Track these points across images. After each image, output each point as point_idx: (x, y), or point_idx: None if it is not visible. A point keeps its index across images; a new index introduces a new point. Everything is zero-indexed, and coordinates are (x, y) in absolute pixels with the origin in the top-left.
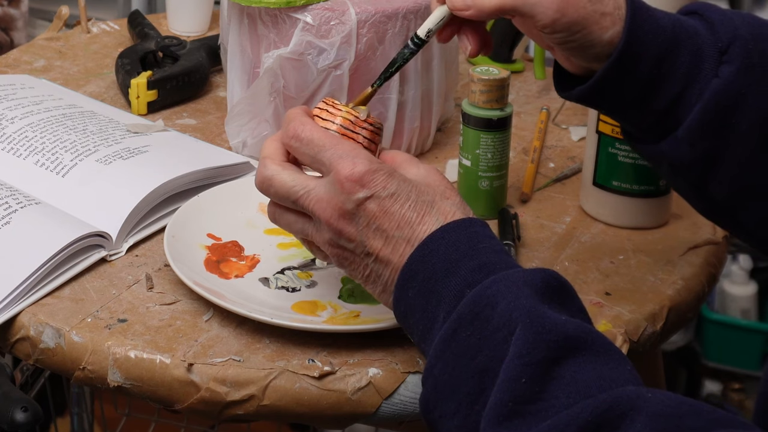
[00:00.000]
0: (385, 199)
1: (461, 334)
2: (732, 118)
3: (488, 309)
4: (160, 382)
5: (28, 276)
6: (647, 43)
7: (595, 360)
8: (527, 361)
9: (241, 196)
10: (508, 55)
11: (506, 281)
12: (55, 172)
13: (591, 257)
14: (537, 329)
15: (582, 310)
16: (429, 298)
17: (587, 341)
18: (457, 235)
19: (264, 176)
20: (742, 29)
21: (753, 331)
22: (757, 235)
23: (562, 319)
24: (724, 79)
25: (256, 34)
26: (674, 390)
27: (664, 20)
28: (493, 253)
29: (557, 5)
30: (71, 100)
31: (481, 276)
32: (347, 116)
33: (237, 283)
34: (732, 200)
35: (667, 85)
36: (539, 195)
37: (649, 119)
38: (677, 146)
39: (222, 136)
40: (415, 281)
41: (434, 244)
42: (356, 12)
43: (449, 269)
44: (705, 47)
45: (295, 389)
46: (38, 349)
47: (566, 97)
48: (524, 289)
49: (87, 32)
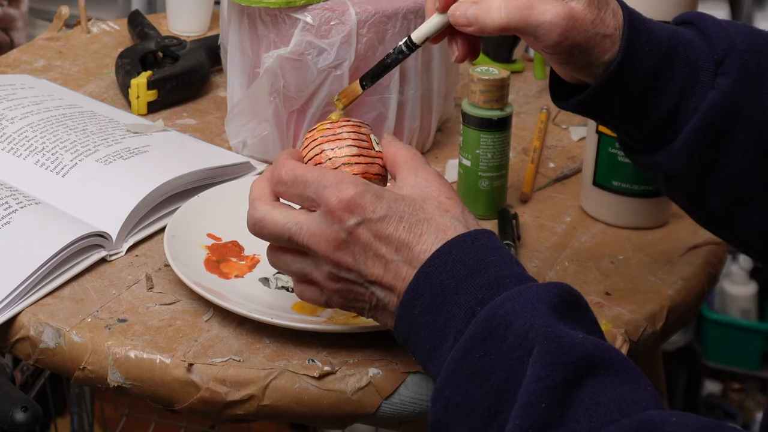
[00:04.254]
0: (376, 222)
1: (474, 354)
2: (728, 130)
3: (502, 328)
4: (160, 382)
5: (28, 276)
6: (643, 56)
7: (615, 380)
8: (546, 384)
9: (241, 196)
10: (508, 55)
11: (520, 298)
12: (55, 172)
13: (591, 257)
14: (555, 350)
15: (595, 323)
16: (437, 316)
17: (606, 360)
18: (463, 250)
19: (255, 218)
20: (738, 40)
21: (753, 331)
22: (754, 245)
23: (580, 337)
24: (720, 91)
25: (256, 34)
26: (674, 390)
27: (660, 32)
28: (502, 265)
29: (561, 28)
30: (71, 100)
31: (492, 292)
32: (322, 129)
33: (237, 283)
34: (728, 211)
35: (663, 97)
36: (539, 195)
37: (645, 131)
38: (673, 158)
39: (222, 136)
40: (421, 299)
41: (440, 261)
42: (356, 12)
43: (458, 286)
44: (700, 59)
45: (295, 389)
46: (38, 349)
47: (562, 107)
48: (539, 306)
49: (87, 32)
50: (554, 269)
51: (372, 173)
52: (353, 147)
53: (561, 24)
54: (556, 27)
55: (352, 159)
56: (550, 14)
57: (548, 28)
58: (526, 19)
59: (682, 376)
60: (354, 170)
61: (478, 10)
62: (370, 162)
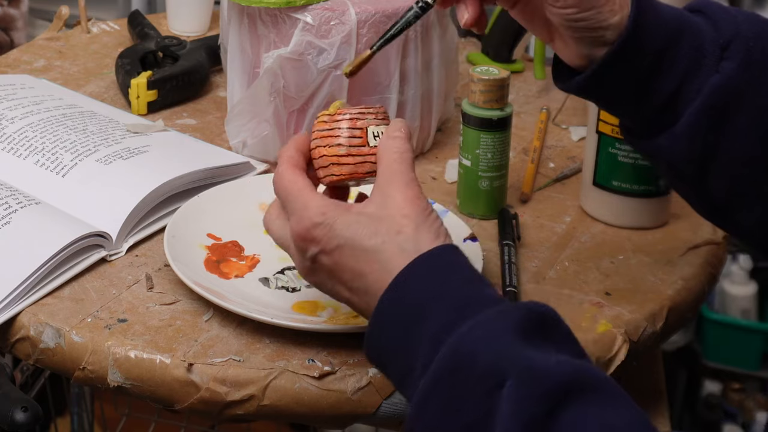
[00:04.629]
0: (333, 252)
1: (441, 388)
2: (731, 115)
3: (469, 359)
4: (160, 382)
5: (28, 276)
6: (651, 33)
7: (594, 401)
8: (524, 421)
9: (241, 196)
10: (508, 55)
11: (485, 327)
12: (55, 172)
13: (591, 257)
14: (528, 382)
15: (568, 334)
16: (403, 344)
17: (582, 381)
18: (424, 272)
19: (264, 221)
20: (744, 26)
21: (753, 331)
22: (755, 235)
23: (552, 361)
24: (724, 75)
25: (256, 34)
26: (674, 390)
27: (667, 13)
28: (465, 285)
29: None
30: (71, 100)
31: (456, 316)
32: (320, 122)
33: (237, 283)
34: (730, 199)
35: (667, 78)
36: (539, 195)
37: (647, 113)
38: (675, 142)
39: (222, 136)
40: (386, 327)
41: (401, 287)
42: (356, 12)
43: (421, 312)
44: (706, 43)
45: (295, 389)
46: (38, 349)
47: (564, 89)
48: (506, 334)
49: (87, 32)
50: (554, 269)
51: (362, 172)
52: (342, 146)
53: None
54: None
55: (341, 159)
56: None
57: None
58: None
59: (682, 376)
60: (342, 171)
61: None
62: (360, 161)
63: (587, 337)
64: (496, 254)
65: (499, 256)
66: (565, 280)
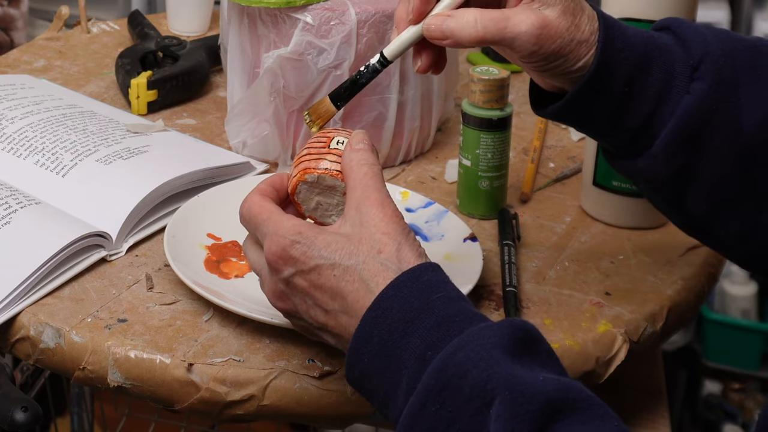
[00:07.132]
0: (309, 272)
1: (430, 408)
2: (705, 134)
3: (457, 378)
4: (160, 382)
5: (28, 276)
6: (619, 62)
7: (581, 419)
8: None
9: (241, 196)
10: None
11: (473, 345)
12: (55, 172)
13: (591, 257)
14: (517, 400)
15: (550, 353)
16: (387, 362)
17: (569, 400)
18: (408, 290)
19: (243, 247)
20: (714, 45)
21: (753, 331)
22: (735, 250)
23: (540, 380)
24: (696, 96)
25: (256, 34)
26: (674, 390)
27: (636, 38)
28: (448, 303)
29: (536, 38)
30: (71, 100)
31: (441, 333)
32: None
33: (237, 283)
34: (709, 216)
35: (640, 103)
36: (539, 195)
37: (624, 136)
38: (652, 163)
39: (222, 136)
40: (369, 345)
41: (385, 304)
42: (356, 12)
43: (405, 330)
44: (676, 64)
45: (295, 389)
46: (38, 349)
47: (541, 115)
48: (494, 351)
49: (87, 32)
50: (554, 269)
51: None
52: (305, 147)
53: (536, 34)
54: (531, 37)
55: (302, 158)
56: (525, 25)
57: (524, 39)
58: (501, 31)
59: (682, 376)
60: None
61: (454, 23)
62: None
63: (587, 337)
64: (496, 254)
65: (499, 256)
66: (565, 280)
